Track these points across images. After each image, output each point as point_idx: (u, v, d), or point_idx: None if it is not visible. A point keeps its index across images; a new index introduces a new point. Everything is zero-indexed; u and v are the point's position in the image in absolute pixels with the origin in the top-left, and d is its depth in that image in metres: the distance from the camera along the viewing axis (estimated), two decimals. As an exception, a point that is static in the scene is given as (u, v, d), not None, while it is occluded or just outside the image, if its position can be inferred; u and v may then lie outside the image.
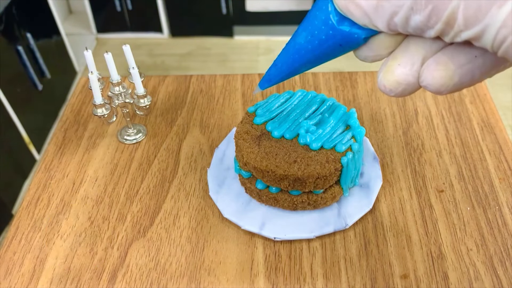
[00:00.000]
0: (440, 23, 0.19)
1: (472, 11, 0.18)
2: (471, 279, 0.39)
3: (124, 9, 1.72)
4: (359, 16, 0.22)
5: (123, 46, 0.47)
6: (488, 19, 0.17)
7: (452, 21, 0.18)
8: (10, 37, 1.20)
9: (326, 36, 0.25)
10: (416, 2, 0.19)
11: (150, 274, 0.41)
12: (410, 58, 0.22)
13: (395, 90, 0.23)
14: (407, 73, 0.22)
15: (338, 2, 0.22)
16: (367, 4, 0.21)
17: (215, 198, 0.45)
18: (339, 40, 0.25)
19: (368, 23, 0.22)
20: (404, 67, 0.22)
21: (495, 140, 0.51)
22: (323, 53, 0.27)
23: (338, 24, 0.24)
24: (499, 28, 0.17)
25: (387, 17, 0.20)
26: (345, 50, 0.25)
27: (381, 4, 0.20)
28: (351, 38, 0.24)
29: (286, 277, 0.40)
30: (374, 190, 0.44)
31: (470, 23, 0.18)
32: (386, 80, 0.23)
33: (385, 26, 0.21)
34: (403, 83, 0.23)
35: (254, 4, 1.70)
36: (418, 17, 0.19)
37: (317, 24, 0.25)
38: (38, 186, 0.49)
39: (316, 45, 0.27)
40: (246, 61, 1.68)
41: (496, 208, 0.44)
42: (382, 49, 0.23)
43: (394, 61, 0.23)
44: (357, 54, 0.25)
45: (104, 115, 0.48)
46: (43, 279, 0.41)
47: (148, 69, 1.66)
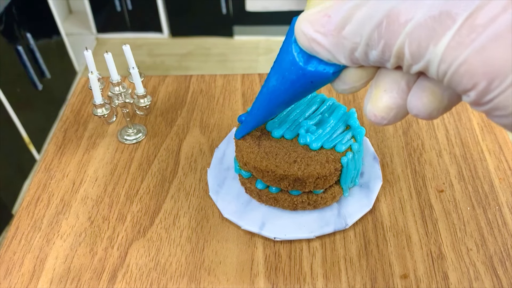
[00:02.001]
0: (392, 57, 0.20)
1: (415, 47, 0.19)
2: (471, 279, 0.39)
3: (124, 9, 1.72)
4: (323, 53, 0.23)
5: (123, 46, 0.47)
6: (428, 55, 0.18)
7: (401, 55, 0.20)
8: (10, 37, 1.20)
9: (296, 76, 0.26)
10: (370, 38, 0.20)
11: (150, 274, 0.41)
12: (393, 82, 0.23)
13: (387, 117, 0.23)
14: (395, 96, 0.23)
15: (302, 42, 0.23)
16: (328, 42, 0.22)
17: (215, 198, 0.45)
18: (309, 78, 0.26)
19: (333, 59, 0.23)
20: (391, 91, 0.23)
21: (495, 140, 0.51)
22: (297, 92, 0.28)
23: (305, 64, 0.25)
24: (439, 64, 0.18)
25: (348, 53, 0.22)
26: (317, 86, 0.26)
27: (341, 42, 0.21)
28: (320, 75, 0.25)
29: (286, 277, 0.40)
30: (374, 190, 0.44)
31: (415, 58, 0.19)
32: (376, 108, 0.23)
33: (348, 61, 0.22)
34: (393, 108, 0.23)
35: (254, 4, 1.70)
36: (374, 52, 0.20)
37: (286, 66, 0.27)
38: (38, 186, 0.49)
39: (289, 86, 0.28)
40: (246, 61, 1.68)
41: (496, 208, 0.44)
42: (355, 81, 0.24)
43: (378, 88, 0.23)
44: (333, 87, 0.26)
45: (104, 115, 0.48)
46: (43, 279, 0.41)
47: (148, 69, 1.66)
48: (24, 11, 1.28)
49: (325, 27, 0.21)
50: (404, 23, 0.18)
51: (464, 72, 0.18)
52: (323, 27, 0.22)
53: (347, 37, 0.21)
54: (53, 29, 1.45)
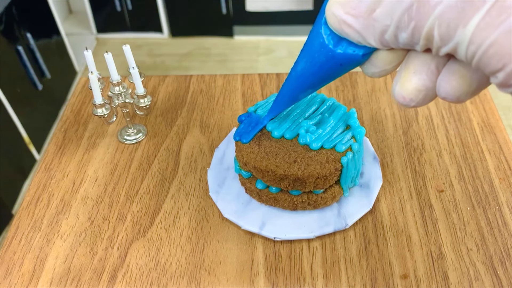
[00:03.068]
0: (422, 39, 0.20)
1: (444, 29, 0.19)
2: (471, 279, 0.39)
3: (124, 9, 1.72)
4: (353, 35, 0.23)
5: (123, 46, 0.47)
6: (457, 37, 0.19)
7: (431, 37, 0.20)
8: (10, 37, 1.20)
9: (326, 58, 0.26)
10: (400, 21, 0.20)
11: (150, 274, 0.41)
12: (423, 64, 0.23)
13: (416, 99, 0.23)
14: (425, 78, 0.23)
15: (333, 24, 0.24)
16: (358, 24, 0.22)
17: (215, 198, 0.45)
18: (338, 60, 0.26)
19: (363, 41, 0.23)
20: (420, 73, 0.23)
21: (495, 140, 0.51)
22: (326, 74, 0.28)
23: (335, 45, 0.25)
24: (467, 45, 0.19)
25: (378, 35, 0.22)
26: (346, 69, 0.26)
27: (371, 24, 0.22)
28: (350, 57, 0.25)
29: (286, 277, 0.40)
30: (374, 190, 0.44)
31: (445, 40, 0.19)
32: (405, 90, 0.23)
33: (378, 43, 0.22)
34: (422, 89, 0.23)
35: (254, 4, 1.70)
36: (404, 34, 0.21)
37: (316, 48, 0.27)
38: (38, 186, 0.49)
39: (318, 68, 0.28)
40: (246, 61, 1.68)
41: (496, 208, 0.44)
42: (386, 64, 0.24)
43: (407, 70, 0.23)
44: (364, 71, 0.26)
45: (104, 115, 0.48)
46: (43, 279, 0.41)
47: (148, 69, 1.66)
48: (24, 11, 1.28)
49: (356, 9, 0.22)
50: (434, 5, 0.19)
51: (493, 53, 0.18)
52: (354, 9, 0.22)
53: (378, 19, 0.21)
54: (53, 29, 1.45)
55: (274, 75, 0.61)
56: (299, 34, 1.75)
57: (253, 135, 0.41)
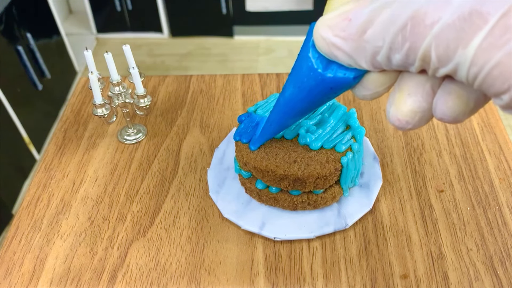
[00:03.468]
0: (418, 61, 0.19)
1: (442, 50, 0.18)
2: (471, 279, 0.39)
3: (124, 9, 1.72)
4: (343, 58, 0.22)
5: (123, 46, 0.47)
6: (457, 58, 0.18)
7: (427, 58, 0.19)
8: (10, 37, 1.20)
9: (315, 82, 0.25)
10: (394, 42, 0.19)
11: (150, 274, 0.41)
12: (418, 85, 0.22)
13: (412, 121, 0.22)
14: (420, 100, 0.22)
15: (321, 47, 0.22)
16: (348, 47, 0.21)
17: (215, 198, 0.45)
18: (328, 84, 0.25)
19: (353, 64, 0.22)
20: (415, 95, 0.22)
21: (495, 140, 0.51)
22: (316, 99, 0.27)
23: (325, 69, 0.24)
24: (469, 67, 0.18)
25: (370, 57, 0.21)
26: (336, 92, 0.25)
27: (362, 46, 0.20)
28: (340, 81, 0.24)
29: (286, 277, 0.40)
30: (374, 190, 0.44)
31: (443, 61, 0.18)
32: (400, 112, 0.22)
33: (369, 66, 0.21)
34: (418, 111, 0.22)
35: (254, 4, 1.70)
36: (398, 56, 0.20)
37: (304, 72, 0.26)
38: (38, 186, 0.49)
39: (307, 93, 0.27)
40: (246, 61, 1.68)
41: (496, 208, 0.44)
42: (378, 86, 0.23)
43: (401, 92, 0.22)
44: (355, 94, 0.25)
45: (104, 115, 0.48)
46: (43, 279, 0.41)
47: (148, 69, 1.66)
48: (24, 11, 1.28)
49: (345, 31, 0.21)
50: (430, 25, 0.18)
51: (497, 75, 0.17)
52: (343, 31, 0.21)
53: (369, 41, 0.20)
54: (53, 29, 1.45)
55: (274, 75, 0.61)
56: (299, 34, 1.75)
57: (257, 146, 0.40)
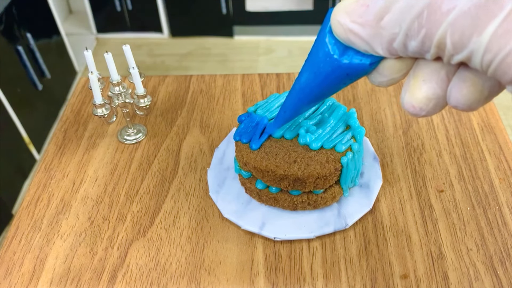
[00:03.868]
0: (433, 48, 0.19)
1: (457, 37, 0.18)
2: (471, 279, 0.39)
3: (124, 9, 1.72)
4: (360, 44, 0.22)
5: (123, 46, 0.47)
6: (472, 44, 0.18)
7: (443, 45, 0.19)
8: (10, 37, 1.20)
9: (331, 68, 0.25)
10: (410, 29, 0.19)
11: (150, 274, 0.41)
12: (433, 72, 0.22)
13: (426, 108, 0.23)
14: (435, 86, 0.22)
15: (338, 33, 0.23)
16: (365, 33, 0.21)
17: (215, 198, 0.45)
18: (345, 70, 0.25)
19: (370, 50, 0.22)
20: (430, 81, 0.22)
21: (495, 140, 0.51)
22: (331, 85, 0.27)
23: (341, 55, 0.24)
24: (483, 54, 0.18)
25: (386, 44, 0.21)
26: (352, 79, 0.25)
27: (379, 32, 0.21)
28: (357, 67, 0.24)
29: (286, 277, 0.40)
30: (374, 190, 0.44)
31: (458, 47, 0.18)
32: (414, 99, 0.22)
33: (386, 52, 0.22)
34: (433, 98, 0.22)
35: (254, 4, 1.70)
36: (413, 43, 0.20)
37: (321, 58, 0.26)
38: (38, 186, 0.49)
39: (323, 79, 0.27)
40: (246, 61, 1.68)
41: (496, 208, 0.44)
42: (394, 73, 0.23)
43: (416, 78, 0.22)
44: (371, 80, 0.25)
45: (104, 115, 0.48)
46: (43, 279, 0.41)
47: (148, 69, 1.66)
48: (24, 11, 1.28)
49: (363, 17, 0.21)
50: (446, 12, 0.18)
51: (511, 62, 0.17)
52: (361, 17, 0.21)
53: (386, 27, 0.20)
54: (53, 29, 1.45)
55: (274, 75, 0.61)
56: (299, 34, 1.75)
57: (260, 143, 0.40)
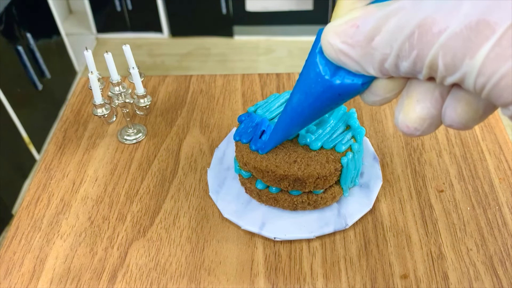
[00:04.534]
0: (425, 69, 0.19)
1: (449, 59, 0.18)
2: (471, 279, 0.39)
3: (124, 9, 1.72)
4: (351, 64, 0.22)
5: (123, 46, 0.47)
6: (465, 67, 0.18)
7: (435, 67, 0.19)
8: (10, 37, 1.20)
9: (323, 88, 0.25)
10: (401, 49, 0.19)
11: (150, 274, 0.41)
12: (426, 92, 0.22)
13: (420, 128, 0.22)
14: (429, 106, 0.22)
15: (329, 53, 0.23)
16: (356, 54, 0.21)
17: (215, 198, 0.45)
18: (337, 90, 0.25)
19: (361, 70, 0.22)
20: (424, 101, 0.22)
21: (495, 140, 0.51)
22: (323, 105, 0.27)
23: (332, 75, 0.24)
24: (476, 77, 0.18)
25: (377, 64, 0.21)
26: (345, 98, 0.25)
27: (370, 53, 0.21)
28: (349, 87, 0.24)
29: (286, 277, 0.40)
30: (374, 190, 0.44)
31: (450, 69, 0.18)
32: (409, 119, 0.22)
33: (377, 73, 0.22)
34: (427, 118, 0.22)
35: (254, 4, 1.70)
36: (405, 63, 0.20)
37: (312, 79, 0.25)
38: (38, 186, 0.49)
39: (314, 99, 0.27)
40: (246, 61, 1.68)
41: (496, 208, 0.44)
42: (386, 93, 0.23)
43: (410, 99, 0.22)
44: (364, 100, 0.25)
45: (104, 115, 0.48)
46: (43, 279, 0.41)
47: (148, 69, 1.66)
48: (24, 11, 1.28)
49: (353, 38, 0.21)
50: (437, 33, 0.18)
51: (505, 86, 0.17)
52: (351, 38, 0.21)
53: (377, 48, 0.20)
54: (53, 29, 1.45)
55: (274, 75, 0.61)
56: (299, 34, 1.75)
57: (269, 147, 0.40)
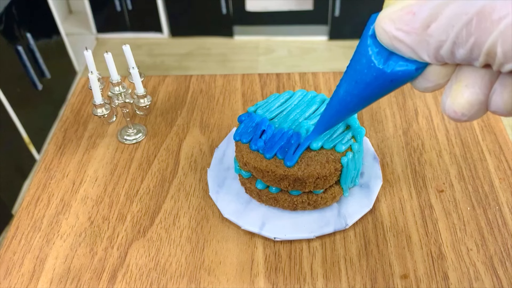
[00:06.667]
0: (482, 56, 0.19)
1: (509, 46, 0.18)
2: (471, 279, 0.39)
3: (124, 9, 1.72)
4: (405, 51, 0.22)
5: (123, 46, 0.47)
6: None
7: (493, 54, 0.19)
8: (10, 37, 1.20)
9: (376, 74, 0.25)
10: (458, 36, 0.19)
11: (150, 274, 0.41)
12: (476, 77, 0.21)
13: (468, 113, 0.22)
14: (478, 92, 0.21)
15: (383, 40, 0.22)
16: (411, 40, 0.21)
17: (215, 198, 0.45)
18: (389, 76, 0.24)
19: (415, 57, 0.22)
20: (473, 86, 0.21)
21: (495, 140, 0.51)
22: (374, 93, 0.26)
23: (385, 62, 0.24)
24: None
25: (433, 51, 0.21)
26: (397, 85, 0.25)
27: (425, 39, 0.20)
28: (402, 73, 0.24)
29: (286, 277, 0.40)
30: (374, 190, 0.44)
31: (509, 57, 0.18)
32: (457, 104, 0.22)
33: (432, 59, 0.21)
34: (475, 104, 0.22)
35: (254, 4, 1.70)
36: (462, 51, 0.19)
37: (363, 65, 0.25)
38: (38, 186, 0.49)
39: (365, 86, 0.26)
40: (246, 61, 1.68)
41: (496, 208, 0.44)
42: (440, 78, 0.23)
43: (459, 83, 0.22)
44: (416, 86, 0.25)
45: (104, 115, 0.48)
46: (43, 279, 0.41)
47: (148, 69, 1.66)
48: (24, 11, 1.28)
49: (409, 25, 0.21)
50: (497, 20, 0.17)
51: None
52: (407, 25, 0.21)
53: (433, 35, 0.20)
54: (53, 29, 1.45)
55: (274, 75, 0.61)
56: (299, 34, 1.75)
57: (298, 156, 0.39)
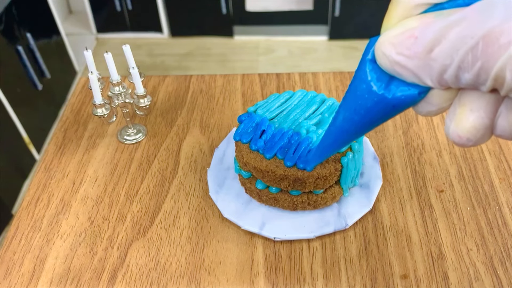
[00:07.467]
0: (490, 80, 0.18)
1: None
2: (471, 279, 0.39)
3: (124, 9, 1.72)
4: (407, 75, 0.21)
5: (123, 46, 0.47)
6: None
7: (501, 79, 0.18)
8: (10, 37, 1.20)
9: (376, 99, 0.24)
10: (463, 61, 0.18)
11: (150, 274, 0.41)
12: (480, 101, 0.21)
13: (473, 138, 0.21)
14: (483, 116, 0.21)
15: (383, 64, 0.22)
16: (413, 65, 0.20)
17: (215, 198, 0.45)
18: (391, 102, 0.23)
19: (418, 81, 0.21)
20: (478, 110, 0.21)
21: (495, 140, 0.51)
22: (375, 119, 0.26)
23: (386, 87, 0.23)
24: None
25: (436, 76, 0.20)
26: (399, 110, 0.24)
27: (428, 64, 0.20)
28: (404, 98, 0.23)
29: (286, 277, 0.40)
30: (374, 190, 0.44)
31: None
32: (461, 128, 0.21)
33: (435, 84, 0.21)
34: (481, 128, 0.21)
35: (254, 4, 1.70)
36: (467, 75, 0.19)
37: (363, 90, 0.24)
38: (38, 186, 0.49)
39: (365, 113, 0.25)
40: (246, 61, 1.68)
41: (496, 208, 0.44)
42: (443, 102, 0.22)
43: (463, 107, 0.21)
44: (418, 111, 0.24)
45: (104, 115, 0.48)
46: (43, 279, 0.41)
47: (148, 69, 1.66)
48: (24, 11, 1.28)
49: (411, 49, 0.20)
50: (505, 45, 0.17)
51: None
52: (409, 49, 0.20)
53: (436, 59, 0.19)
54: (53, 29, 1.45)
55: (274, 75, 0.61)
56: (299, 34, 1.75)
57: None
